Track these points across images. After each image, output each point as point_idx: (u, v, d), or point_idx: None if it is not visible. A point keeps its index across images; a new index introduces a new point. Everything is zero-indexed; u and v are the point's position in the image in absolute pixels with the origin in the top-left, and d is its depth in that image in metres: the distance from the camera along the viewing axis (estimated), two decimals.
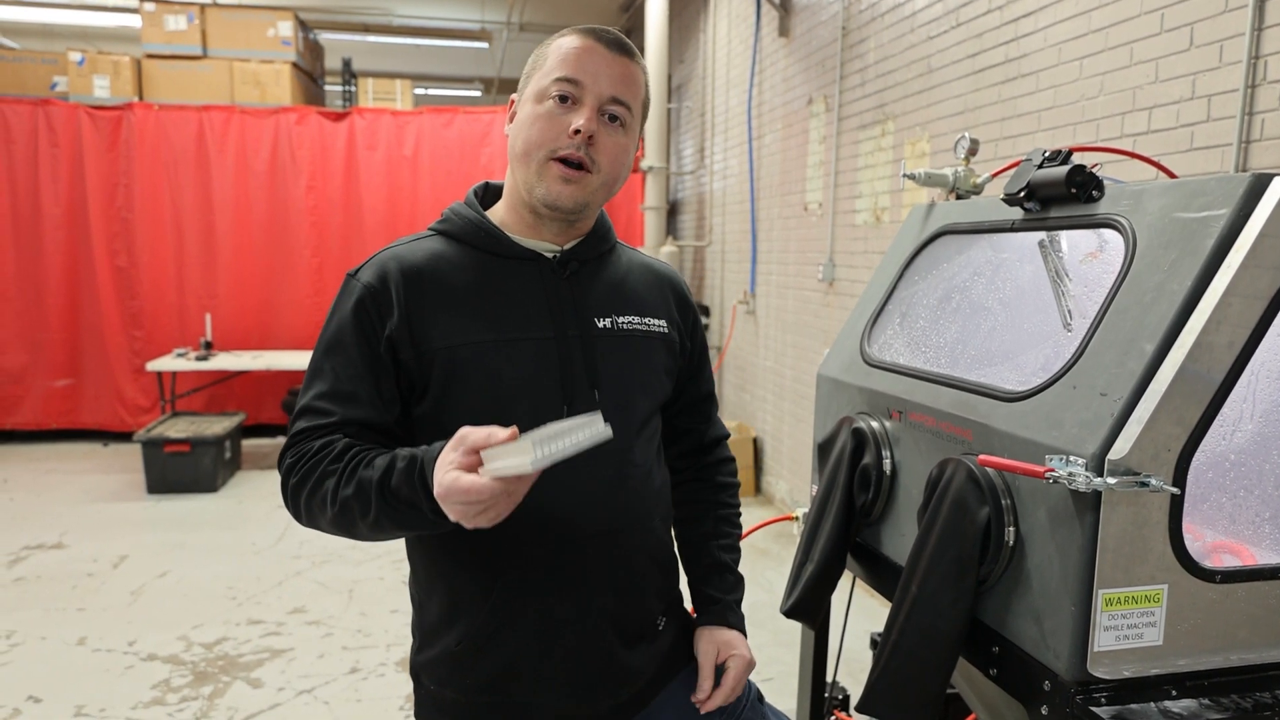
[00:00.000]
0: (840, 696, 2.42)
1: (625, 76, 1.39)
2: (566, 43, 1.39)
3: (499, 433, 1.14)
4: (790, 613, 1.87)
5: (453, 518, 1.16)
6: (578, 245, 1.48)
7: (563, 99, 1.37)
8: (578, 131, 1.35)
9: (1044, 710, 1.37)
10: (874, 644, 2.52)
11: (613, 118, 1.39)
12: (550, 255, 1.46)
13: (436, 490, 1.16)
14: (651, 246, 7.44)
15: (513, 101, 1.46)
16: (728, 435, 1.78)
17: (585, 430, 1.16)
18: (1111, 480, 1.27)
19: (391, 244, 1.47)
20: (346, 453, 1.32)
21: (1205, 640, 1.38)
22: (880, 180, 4.62)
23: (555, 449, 1.12)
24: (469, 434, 1.16)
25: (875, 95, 4.67)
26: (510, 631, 1.40)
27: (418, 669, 1.50)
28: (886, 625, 1.57)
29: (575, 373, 1.40)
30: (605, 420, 1.38)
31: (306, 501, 1.33)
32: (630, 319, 1.49)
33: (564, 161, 1.36)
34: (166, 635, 3.99)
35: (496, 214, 1.49)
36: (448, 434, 1.35)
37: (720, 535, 1.70)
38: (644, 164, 7.58)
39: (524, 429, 1.33)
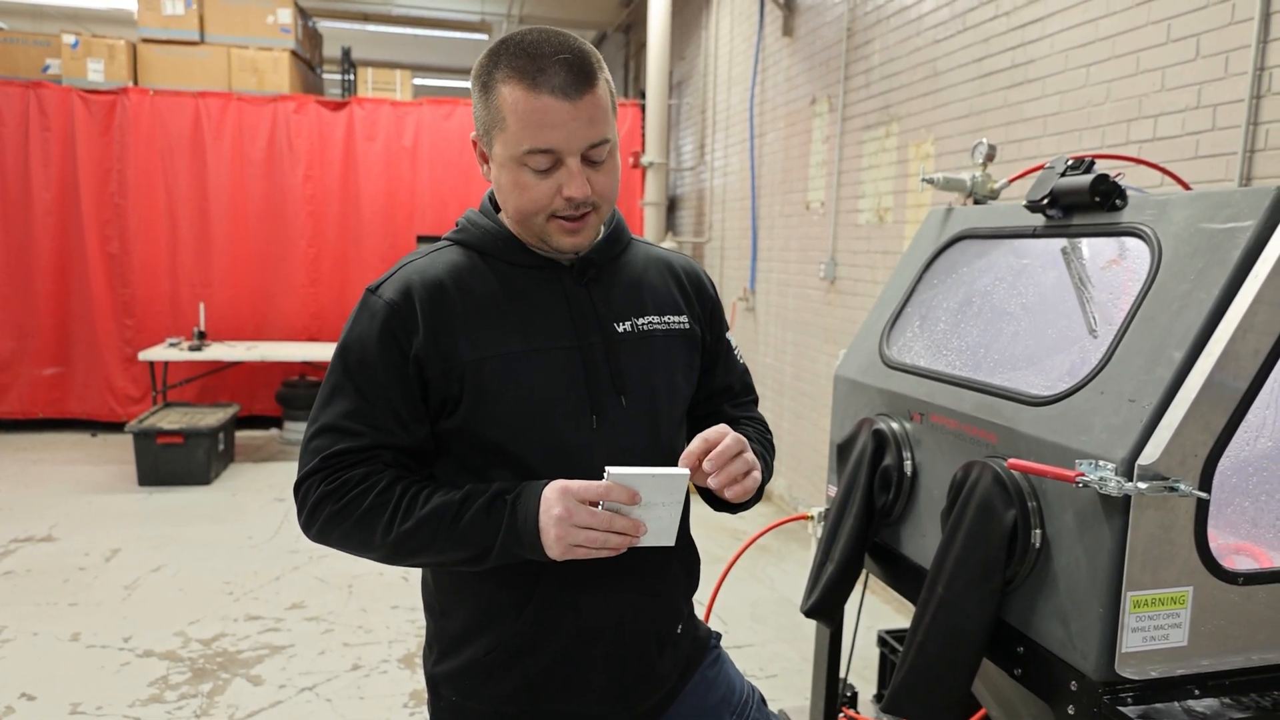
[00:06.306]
0: (849, 694, 2.44)
1: (594, 116, 1.29)
2: (519, 102, 1.27)
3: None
4: (810, 613, 1.89)
5: (555, 554, 1.25)
6: (593, 250, 1.45)
7: (541, 166, 1.30)
8: (571, 198, 1.30)
9: (1070, 710, 1.40)
10: (880, 641, 2.54)
11: (595, 157, 1.32)
12: (568, 262, 1.43)
13: (559, 511, 1.23)
14: (651, 241, 7.44)
15: (476, 143, 1.38)
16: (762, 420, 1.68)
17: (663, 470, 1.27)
18: (1142, 485, 1.29)
19: (410, 257, 1.45)
20: (395, 486, 1.32)
21: (1228, 641, 1.41)
22: (884, 180, 4.65)
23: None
24: (573, 488, 1.24)
25: (880, 96, 4.70)
26: (547, 641, 1.39)
27: (437, 680, 1.47)
28: (911, 626, 1.59)
29: (601, 381, 1.40)
30: (634, 424, 1.40)
31: (344, 531, 1.33)
32: (649, 319, 1.48)
33: (564, 217, 1.34)
34: (163, 631, 3.95)
35: (508, 224, 1.44)
36: (480, 446, 1.37)
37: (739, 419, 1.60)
38: (644, 159, 7.58)
39: (556, 439, 1.38)
